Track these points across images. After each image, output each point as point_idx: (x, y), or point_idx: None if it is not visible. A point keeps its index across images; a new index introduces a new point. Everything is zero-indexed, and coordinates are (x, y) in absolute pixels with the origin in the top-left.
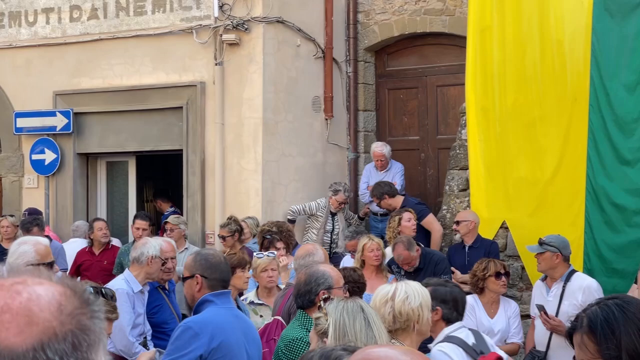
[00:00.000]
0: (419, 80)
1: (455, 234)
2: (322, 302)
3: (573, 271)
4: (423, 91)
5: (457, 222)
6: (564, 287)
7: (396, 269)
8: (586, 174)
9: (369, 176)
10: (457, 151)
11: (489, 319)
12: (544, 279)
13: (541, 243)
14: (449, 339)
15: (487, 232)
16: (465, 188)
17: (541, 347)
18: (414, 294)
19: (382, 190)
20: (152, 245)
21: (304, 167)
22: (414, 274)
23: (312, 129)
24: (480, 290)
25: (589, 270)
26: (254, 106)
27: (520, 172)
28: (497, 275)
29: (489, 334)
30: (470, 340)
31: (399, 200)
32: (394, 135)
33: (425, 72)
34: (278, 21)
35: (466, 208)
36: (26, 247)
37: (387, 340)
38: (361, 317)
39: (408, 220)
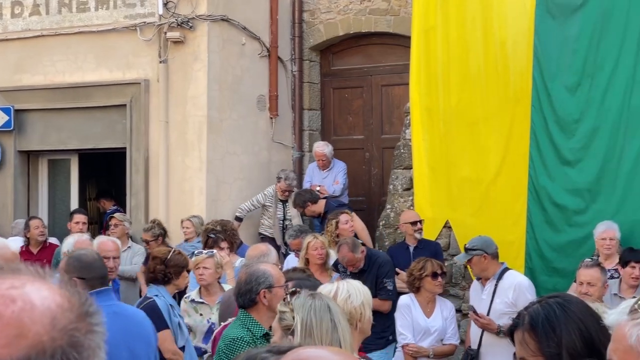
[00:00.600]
0: (363, 79)
1: (417, 232)
2: (288, 295)
3: (506, 269)
4: (368, 90)
5: (420, 221)
6: (496, 285)
7: (342, 269)
8: (528, 174)
9: (312, 175)
10: (401, 151)
11: (426, 319)
12: (479, 279)
13: (466, 250)
14: None
15: (431, 231)
16: (409, 187)
17: (474, 345)
18: (356, 293)
19: (304, 199)
20: (67, 242)
21: (249, 165)
22: (359, 275)
23: (257, 128)
24: (416, 290)
25: (530, 269)
26: (199, 104)
27: (463, 171)
28: (434, 275)
29: (425, 334)
30: None
31: (321, 204)
32: (339, 135)
33: (370, 72)
34: (223, 19)
35: (410, 207)
36: (267, 267)
37: (350, 342)
38: (328, 318)
39: (345, 223)
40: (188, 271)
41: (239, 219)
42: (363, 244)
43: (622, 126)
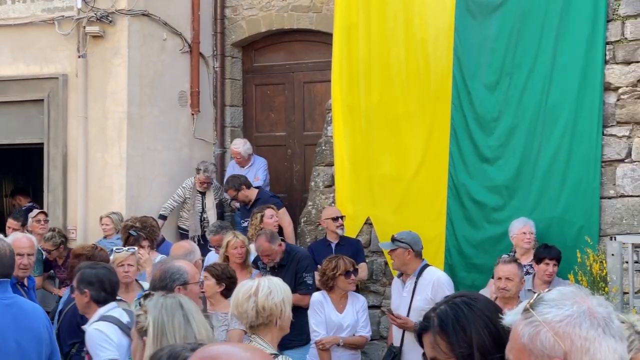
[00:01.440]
0: (286, 76)
1: (339, 228)
2: (142, 299)
3: (426, 266)
4: (290, 87)
5: (342, 217)
6: (416, 282)
7: (262, 265)
8: (448, 171)
9: (232, 172)
10: (323, 147)
11: (338, 314)
12: (400, 276)
13: (393, 240)
14: (103, 318)
15: (352, 228)
16: (331, 184)
17: (397, 343)
18: (276, 289)
19: (240, 181)
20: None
21: (170, 162)
22: (278, 270)
23: (178, 124)
24: (330, 289)
25: (449, 266)
26: (119, 100)
27: (384, 168)
28: (347, 273)
29: (338, 329)
30: (125, 318)
31: (254, 192)
32: (261, 131)
33: (292, 69)
34: (143, 14)
35: (331, 204)
36: (182, 263)
37: (207, 335)
38: (180, 314)
39: (270, 217)
40: None
41: (163, 217)
42: (283, 240)
43: (540, 124)
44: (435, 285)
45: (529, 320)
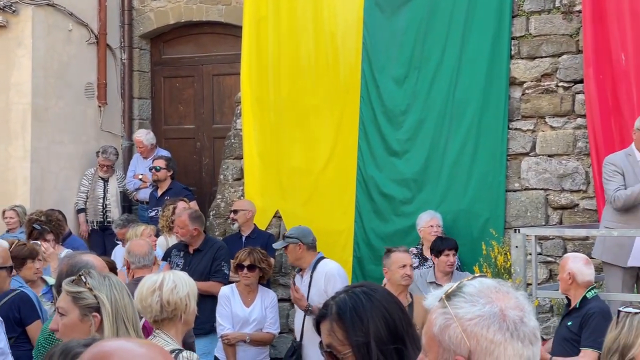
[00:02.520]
0: (195, 68)
1: (233, 224)
2: (82, 276)
3: (320, 259)
4: (199, 80)
5: (235, 211)
6: (311, 275)
7: (175, 252)
8: (357, 164)
9: (136, 164)
10: (232, 140)
11: (245, 308)
12: (299, 271)
13: (284, 237)
14: None
15: (261, 221)
16: (240, 177)
17: (298, 336)
18: (181, 284)
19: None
20: None
21: (76, 154)
22: (195, 255)
23: (84, 116)
24: (237, 280)
25: (358, 259)
26: (23, 91)
27: (294, 161)
28: (239, 266)
29: (244, 324)
30: None
31: (169, 181)
32: (170, 124)
33: (202, 61)
34: (48, 4)
35: (240, 197)
36: (89, 257)
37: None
38: (125, 293)
39: (182, 209)
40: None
41: (80, 211)
42: (204, 231)
43: (447, 118)
44: (326, 277)
45: (443, 310)
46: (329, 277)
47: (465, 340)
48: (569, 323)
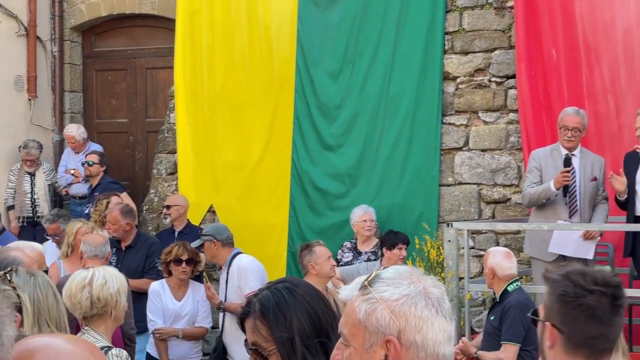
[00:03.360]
0: (127, 62)
1: (166, 218)
2: (7, 274)
3: (236, 254)
4: (132, 73)
5: (168, 207)
6: (227, 271)
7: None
8: (291, 158)
9: (67, 159)
10: (166, 135)
11: (176, 303)
12: (219, 269)
13: (200, 236)
14: None
15: (195, 216)
16: (174, 172)
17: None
18: (112, 279)
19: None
20: None
21: (5, 149)
22: (127, 251)
23: (14, 110)
24: (169, 274)
25: (292, 253)
26: None
27: (228, 156)
28: (177, 261)
29: (176, 318)
30: None
31: (100, 177)
32: (102, 118)
33: (135, 54)
34: None
35: (174, 192)
36: (18, 253)
37: (63, 318)
38: (51, 292)
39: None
40: None
41: (10, 208)
42: (137, 226)
43: (381, 112)
44: (239, 273)
45: (366, 297)
46: (241, 272)
47: (394, 321)
48: (492, 317)
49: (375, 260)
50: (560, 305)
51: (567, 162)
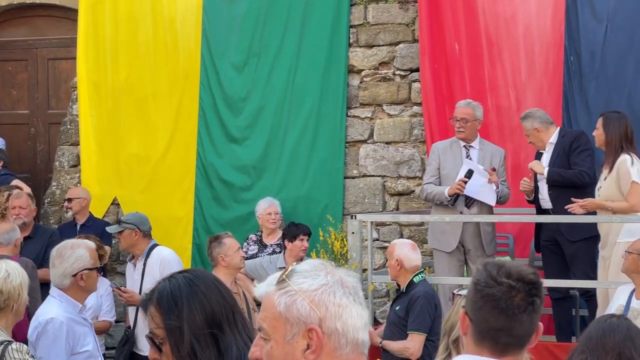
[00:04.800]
0: (28, 52)
1: (67, 212)
2: None
3: (154, 246)
4: (33, 64)
5: (69, 199)
6: (145, 263)
7: None
8: (196, 151)
9: None
10: (68, 126)
11: None
12: (131, 259)
13: (120, 222)
14: None
15: (98, 208)
16: (76, 164)
17: (131, 324)
18: (14, 272)
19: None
20: None
21: None
22: (25, 243)
23: None
24: None
25: (197, 246)
26: None
27: (132, 148)
28: None
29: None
30: None
31: None
32: (2, 109)
33: (36, 45)
34: None
35: (77, 184)
36: (82, 250)
37: None
38: None
39: (17, 198)
40: None
41: None
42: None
43: (287, 105)
44: (162, 264)
45: (284, 290)
46: (164, 264)
47: (315, 310)
48: (397, 307)
49: (280, 252)
50: (472, 293)
51: (469, 173)
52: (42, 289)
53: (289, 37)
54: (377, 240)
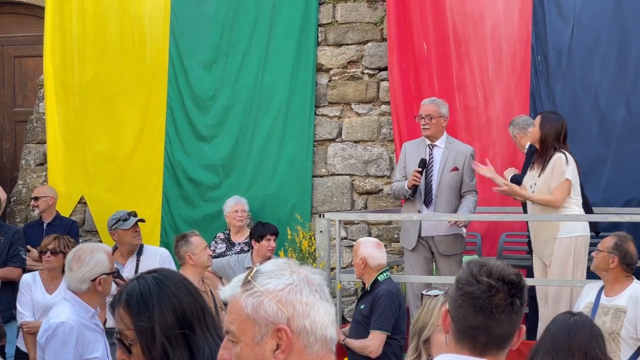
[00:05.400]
0: None
1: (34, 210)
2: None
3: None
4: None
5: (36, 198)
6: (138, 260)
7: None
8: (164, 149)
9: None
10: (35, 124)
11: (47, 296)
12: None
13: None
14: None
15: (65, 207)
16: (43, 162)
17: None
18: None
19: None
20: None
21: None
22: None
23: None
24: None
25: (165, 244)
26: None
27: (99, 146)
28: (43, 251)
29: (45, 311)
30: None
31: None
32: None
33: (2, 42)
34: None
35: (44, 183)
36: (101, 255)
37: None
38: None
39: None
40: None
41: None
42: None
43: (255, 104)
44: (160, 259)
45: (251, 291)
46: (164, 259)
47: (282, 309)
48: (362, 306)
49: (248, 251)
50: (453, 291)
51: (422, 163)
52: (7, 288)
53: (257, 36)
54: (346, 239)
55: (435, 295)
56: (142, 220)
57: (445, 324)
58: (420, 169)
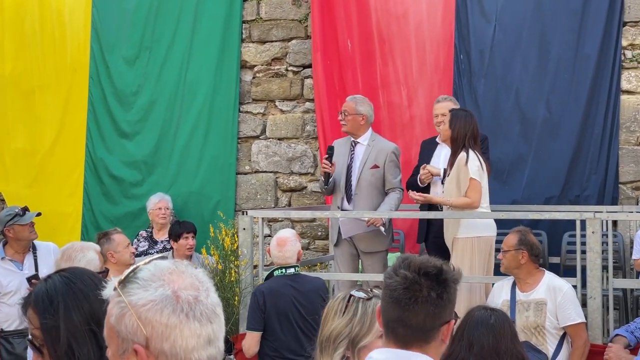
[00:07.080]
0: None
1: None
2: None
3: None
4: None
5: None
6: (35, 255)
7: None
8: (85, 145)
9: None
10: None
11: None
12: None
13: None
14: None
15: None
16: None
17: None
18: None
19: None
20: None
21: None
22: None
23: None
24: None
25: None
26: None
27: (18, 142)
28: None
29: None
30: None
31: None
32: None
33: None
34: None
35: None
36: (92, 254)
37: None
38: None
39: None
40: None
41: None
42: None
43: (179, 100)
44: (55, 254)
45: (118, 299)
46: (56, 252)
47: (142, 328)
48: None
49: (170, 249)
50: (383, 286)
51: (330, 149)
52: None
53: (181, 31)
54: (269, 236)
55: (369, 298)
56: (39, 214)
57: (379, 319)
58: (327, 156)
